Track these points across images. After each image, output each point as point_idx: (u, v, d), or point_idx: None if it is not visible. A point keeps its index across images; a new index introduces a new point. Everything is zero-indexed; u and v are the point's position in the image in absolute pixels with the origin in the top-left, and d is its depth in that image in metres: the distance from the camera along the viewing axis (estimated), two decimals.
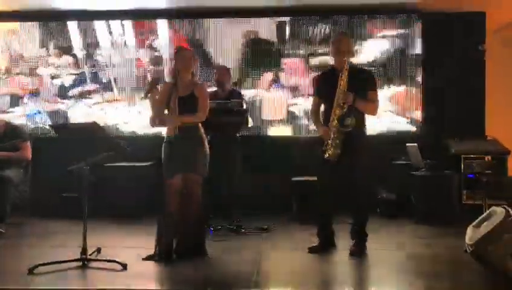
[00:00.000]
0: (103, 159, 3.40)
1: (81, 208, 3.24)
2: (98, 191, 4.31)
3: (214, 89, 4.69)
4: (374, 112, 3.55)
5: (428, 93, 5.46)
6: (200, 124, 3.45)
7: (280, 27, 5.24)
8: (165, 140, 3.47)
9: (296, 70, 5.07)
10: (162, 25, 4.70)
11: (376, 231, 3.88)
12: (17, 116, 4.35)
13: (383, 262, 3.35)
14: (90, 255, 3.24)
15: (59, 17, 4.88)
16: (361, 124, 3.46)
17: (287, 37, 5.25)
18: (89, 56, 4.47)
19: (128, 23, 4.59)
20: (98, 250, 3.43)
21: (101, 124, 3.39)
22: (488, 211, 3.05)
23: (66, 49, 4.53)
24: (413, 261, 3.38)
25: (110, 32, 4.41)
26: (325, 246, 3.53)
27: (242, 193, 4.54)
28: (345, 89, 3.34)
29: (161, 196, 3.43)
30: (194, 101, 3.41)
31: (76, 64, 4.48)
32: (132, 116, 4.29)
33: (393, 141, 5.22)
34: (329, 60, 4.09)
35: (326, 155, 3.37)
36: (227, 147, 4.33)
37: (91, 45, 4.52)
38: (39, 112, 4.23)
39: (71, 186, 4.38)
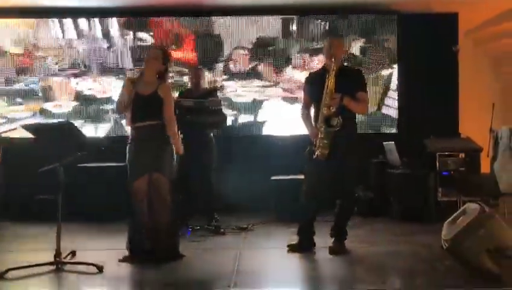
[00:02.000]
0: (76, 160, 3.31)
1: (55, 210, 3.15)
2: (71, 192, 4.19)
3: (188, 88, 4.71)
4: (363, 111, 3.62)
5: (403, 93, 5.55)
6: (165, 124, 3.36)
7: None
8: (129, 141, 3.39)
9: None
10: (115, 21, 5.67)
11: (354, 228, 3.91)
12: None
13: (362, 260, 3.38)
14: (64, 258, 3.15)
15: (40, 13, 5.42)
16: (350, 123, 3.46)
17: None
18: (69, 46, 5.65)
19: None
20: (73, 253, 3.34)
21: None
22: (462, 208, 3.10)
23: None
24: (391, 258, 3.41)
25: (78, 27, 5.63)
26: (304, 245, 3.53)
27: (221, 192, 4.50)
28: (332, 90, 3.33)
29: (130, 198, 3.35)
30: (156, 101, 3.33)
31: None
32: (94, 86, 5.64)
33: (370, 139, 5.27)
34: None
35: (315, 155, 3.36)
36: (203, 146, 4.29)
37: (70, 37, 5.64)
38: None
39: (44, 187, 4.27)
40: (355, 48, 5.55)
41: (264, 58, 5.56)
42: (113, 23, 5.57)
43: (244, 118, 5.56)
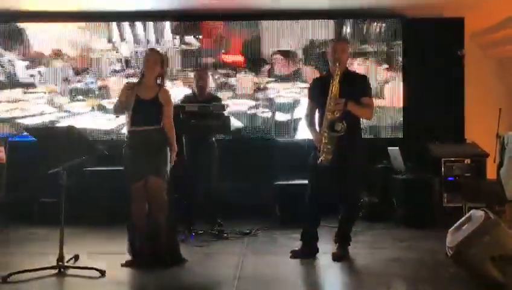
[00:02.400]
0: (81, 163, 3.32)
1: (58, 213, 3.15)
2: (75, 196, 4.21)
3: (190, 92, 4.70)
4: (368, 116, 3.56)
5: (409, 98, 5.52)
6: (163, 128, 3.35)
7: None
8: (124, 144, 3.38)
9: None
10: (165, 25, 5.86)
11: (358, 234, 3.89)
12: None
13: (365, 266, 3.35)
14: (67, 262, 3.15)
15: (94, 17, 5.69)
16: (355, 129, 3.44)
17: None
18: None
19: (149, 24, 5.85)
20: (76, 257, 3.34)
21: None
22: (467, 214, 3.07)
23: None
24: (395, 264, 3.38)
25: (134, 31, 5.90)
26: (307, 251, 3.50)
27: (224, 198, 4.49)
28: (337, 95, 3.32)
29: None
30: (157, 106, 3.33)
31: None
32: None
33: (375, 144, 5.25)
34: None
35: (319, 160, 3.35)
36: (205, 150, 4.28)
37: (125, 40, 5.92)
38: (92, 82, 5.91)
39: (48, 190, 4.28)
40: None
41: (310, 61, 5.59)
42: (165, 27, 5.74)
43: (282, 117, 5.61)
